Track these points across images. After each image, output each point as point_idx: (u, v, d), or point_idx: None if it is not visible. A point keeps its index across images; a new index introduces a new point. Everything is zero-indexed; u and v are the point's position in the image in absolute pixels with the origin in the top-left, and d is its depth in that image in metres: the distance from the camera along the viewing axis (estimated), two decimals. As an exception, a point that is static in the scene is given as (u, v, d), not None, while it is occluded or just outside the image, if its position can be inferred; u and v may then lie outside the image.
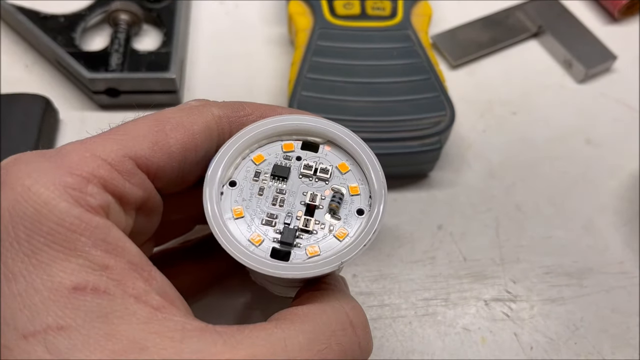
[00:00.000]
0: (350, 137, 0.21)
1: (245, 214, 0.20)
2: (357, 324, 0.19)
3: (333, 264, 0.19)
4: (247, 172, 0.20)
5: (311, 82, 0.33)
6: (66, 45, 0.35)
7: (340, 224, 0.20)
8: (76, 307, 0.15)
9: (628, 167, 0.36)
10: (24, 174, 0.16)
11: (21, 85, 0.36)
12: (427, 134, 0.32)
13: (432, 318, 0.30)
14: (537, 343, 0.30)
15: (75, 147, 0.18)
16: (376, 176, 0.20)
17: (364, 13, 0.35)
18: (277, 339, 0.17)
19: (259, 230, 0.19)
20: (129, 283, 0.16)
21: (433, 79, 0.33)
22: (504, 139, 0.37)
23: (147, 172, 0.19)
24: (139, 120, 0.19)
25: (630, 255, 0.33)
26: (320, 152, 0.21)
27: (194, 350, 0.16)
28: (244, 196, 0.20)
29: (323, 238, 0.20)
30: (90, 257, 0.16)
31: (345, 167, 0.21)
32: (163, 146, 0.19)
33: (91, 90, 0.35)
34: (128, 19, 0.37)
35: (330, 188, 0.20)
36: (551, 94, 0.39)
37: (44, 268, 0.15)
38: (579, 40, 0.40)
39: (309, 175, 0.20)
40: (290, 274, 0.19)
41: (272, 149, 0.21)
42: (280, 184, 0.20)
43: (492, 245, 0.33)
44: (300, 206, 0.20)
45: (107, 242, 0.16)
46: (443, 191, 0.34)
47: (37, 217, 0.15)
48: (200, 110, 0.20)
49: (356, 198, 0.20)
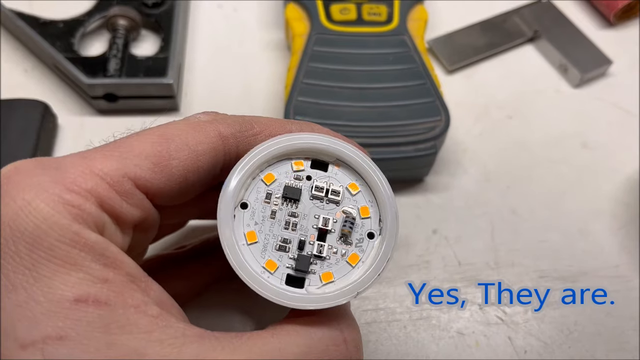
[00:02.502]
0: (360, 157, 0.21)
1: (259, 239, 0.19)
2: (350, 341, 0.19)
3: (349, 295, 0.19)
4: (258, 194, 0.20)
5: (307, 88, 0.33)
6: (65, 51, 0.36)
7: (352, 248, 0.20)
8: (78, 318, 0.15)
9: (624, 171, 0.36)
10: (25, 187, 0.16)
11: (20, 91, 0.37)
12: (422, 139, 0.32)
13: (427, 322, 0.30)
14: (531, 347, 0.30)
15: (76, 161, 0.18)
16: (388, 199, 0.20)
17: (360, 18, 0.36)
18: (272, 349, 0.17)
19: (273, 257, 0.19)
20: (128, 294, 0.16)
21: (428, 84, 0.33)
22: (500, 143, 0.37)
23: (146, 192, 0.19)
24: (143, 135, 0.19)
25: (625, 259, 0.33)
26: (329, 171, 0.21)
27: (193, 355, 0.16)
28: (256, 219, 0.20)
29: (336, 263, 0.20)
30: (90, 270, 0.16)
31: (355, 187, 0.21)
32: (165, 167, 0.19)
33: (89, 96, 0.35)
34: (126, 24, 0.37)
35: (341, 210, 0.20)
36: (547, 98, 0.39)
37: (45, 281, 0.15)
38: (574, 45, 0.40)
39: (320, 198, 0.20)
40: (308, 306, 0.19)
41: (282, 168, 0.21)
42: (292, 206, 0.20)
43: (487, 249, 0.33)
44: (312, 230, 0.20)
45: (105, 256, 0.17)
46: (438, 195, 0.35)
47: (37, 232, 0.16)
48: (208, 129, 0.20)
49: (366, 221, 0.20)
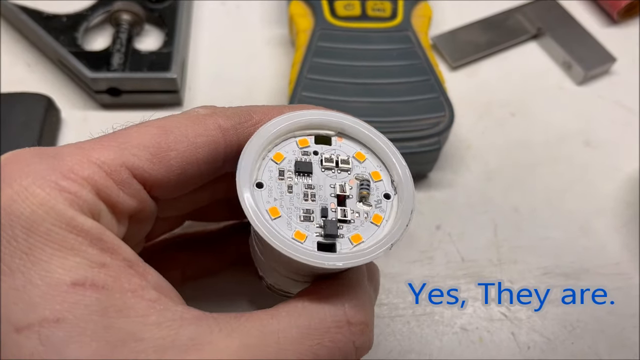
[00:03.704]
0: (361, 125, 0.21)
1: (282, 213, 0.20)
2: (356, 322, 0.19)
3: (384, 247, 0.19)
4: (270, 172, 0.20)
5: (311, 83, 0.33)
6: (68, 45, 0.36)
7: (373, 209, 0.20)
8: (75, 302, 0.15)
9: (626, 169, 0.36)
10: (22, 173, 0.16)
11: (23, 85, 0.37)
12: (426, 135, 0.32)
13: (430, 318, 0.30)
14: (535, 343, 0.30)
15: (73, 150, 0.18)
16: (397, 160, 0.21)
17: (364, 14, 0.36)
18: (271, 331, 0.17)
19: (300, 227, 0.20)
20: (125, 279, 0.16)
21: (433, 80, 0.33)
22: (503, 141, 0.37)
23: (144, 183, 0.19)
24: (142, 126, 0.19)
25: (627, 256, 0.33)
26: (334, 144, 0.21)
27: (190, 337, 0.16)
28: (274, 196, 0.20)
29: (361, 225, 0.20)
30: (87, 255, 0.16)
31: (361, 155, 0.21)
32: (162, 159, 0.19)
33: (93, 90, 0.35)
34: (130, 19, 0.37)
35: (354, 177, 0.21)
36: (550, 95, 0.39)
37: (42, 265, 0.15)
38: (578, 42, 0.40)
39: (331, 168, 0.21)
40: (348, 263, 0.18)
41: (289, 147, 0.21)
42: (307, 179, 0.20)
43: (490, 245, 0.33)
44: (331, 198, 0.20)
45: (103, 241, 0.17)
46: (442, 192, 0.35)
47: (33, 217, 0.16)
48: (207, 121, 0.20)
49: (379, 184, 0.21)
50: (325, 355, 0.18)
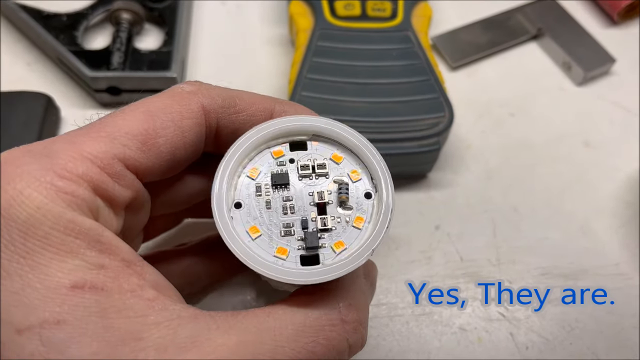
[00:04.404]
0: (334, 125, 0.21)
1: (262, 231, 0.19)
2: (349, 320, 0.19)
3: (365, 254, 0.19)
4: (248, 190, 0.20)
5: (311, 83, 0.33)
6: (68, 44, 0.36)
7: (354, 212, 0.20)
8: (75, 304, 0.15)
9: (625, 170, 0.36)
10: (15, 176, 0.16)
11: (23, 84, 0.37)
12: (425, 135, 0.32)
13: (429, 317, 0.30)
14: (533, 343, 0.30)
15: (65, 147, 0.18)
16: (373, 157, 0.20)
17: (364, 14, 0.36)
18: (267, 328, 0.17)
19: (281, 243, 0.19)
20: (123, 279, 0.17)
21: (432, 80, 0.33)
22: (502, 141, 0.37)
23: (136, 172, 0.19)
24: (128, 112, 0.19)
25: (626, 257, 0.33)
26: (309, 148, 0.21)
27: (188, 335, 0.16)
28: (253, 214, 0.20)
29: (343, 231, 0.20)
30: (85, 257, 0.16)
31: (338, 157, 0.21)
32: (152, 146, 0.19)
33: (93, 89, 0.35)
34: (130, 18, 0.37)
35: (332, 181, 0.20)
36: (550, 96, 0.39)
37: (41, 269, 0.16)
38: (578, 43, 0.40)
39: (308, 175, 0.20)
40: (328, 277, 0.19)
41: (264, 159, 0.21)
42: (284, 191, 0.20)
43: (489, 246, 0.33)
44: (311, 207, 0.20)
45: (100, 242, 0.17)
46: (441, 192, 0.35)
47: (31, 221, 0.16)
48: (191, 102, 0.20)
49: (359, 183, 0.21)
50: (320, 352, 0.18)
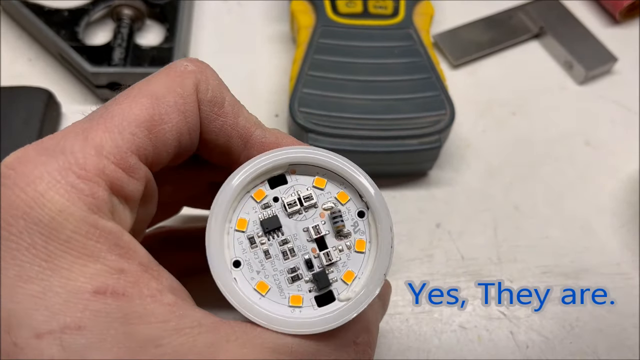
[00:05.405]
0: (307, 152, 0.20)
1: (270, 285, 0.19)
2: (360, 342, 0.20)
3: (378, 281, 0.19)
4: (241, 245, 0.19)
5: (312, 80, 0.33)
6: (69, 39, 0.36)
7: (353, 236, 0.20)
8: (97, 310, 0.15)
9: (626, 170, 0.36)
10: (35, 177, 0.16)
11: (24, 79, 0.37)
12: (427, 133, 0.32)
13: (429, 315, 0.30)
14: (533, 342, 0.30)
15: (79, 143, 0.17)
16: (356, 174, 0.19)
17: (366, 11, 0.36)
18: (285, 343, 0.18)
19: (292, 291, 0.19)
20: (143, 284, 0.16)
21: (434, 78, 0.33)
22: (503, 139, 0.37)
23: (146, 162, 0.18)
24: (132, 97, 0.18)
25: (627, 256, 0.33)
26: (290, 181, 0.20)
27: (207, 344, 0.16)
28: (256, 269, 0.19)
29: (348, 259, 0.19)
30: (107, 262, 0.16)
31: (320, 181, 0.20)
32: (158, 133, 0.18)
33: (94, 84, 0.35)
34: (131, 14, 0.37)
35: (322, 209, 0.20)
36: (551, 95, 0.39)
37: (62, 273, 0.15)
38: (580, 42, 0.40)
39: (297, 211, 0.19)
40: (351, 316, 0.18)
41: (247, 206, 0.19)
42: (279, 235, 0.19)
43: (489, 244, 0.33)
44: (310, 244, 0.19)
45: (119, 246, 0.16)
46: (442, 190, 0.35)
47: (53, 224, 0.15)
48: (189, 84, 0.19)
49: (349, 204, 0.20)
50: None
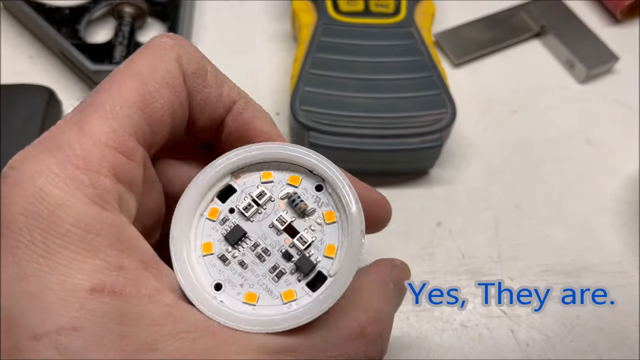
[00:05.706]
0: (239, 154, 0.19)
1: (257, 292, 0.18)
2: (369, 333, 0.19)
3: (359, 241, 0.18)
4: (214, 266, 0.19)
5: (314, 78, 0.33)
6: (71, 37, 0.36)
7: (319, 211, 0.19)
8: (93, 309, 0.15)
9: (627, 169, 0.36)
10: (34, 173, 0.16)
11: (25, 77, 0.37)
12: (428, 131, 0.32)
13: (430, 314, 0.30)
14: (534, 340, 0.30)
15: (75, 135, 0.16)
16: (295, 152, 0.19)
17: (367, 10, 0.36)
18: (286, 343, 0.17)
19: (281, 287, 0.18)
20: (142, 283, 0.16)
21: (435, 76, 0.33)
22: (505, 138, 0.37)
23: (144, 144, 0.18)
24: (119, 80, 0.18)
25: (628, 255, 0.33)
26: (238, 187, 0.19)
27: (204, 349, 0.16)
28: (237, 283, 0.18)
29: (324, 234, 0.19)
30: (106, 257, 0.16)
31: (268, 175, 0.19)
32: (151, 112, 0.18)
33: (95, 82, 0.35)
34: (132, 12, 0.37)
35: (279, 200, 0.19)
36: (552, 94, 0.39)
37: (60, 269, 0.15)
38: (581, 41, 0.40)
39: (256, 212, 0.19)
40: (342, 290, 0.18)
41: (205, 227, 0.19)
42: (247, 241, 0.19)
43: (490, 243, 0.33)
44: (281, 237, 0.19)
45: (121, 240, 0.16)
46: (443, 188, 0.35)
47: (52, 218, 0.15)
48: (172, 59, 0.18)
49: (304, 183, 0.19)
50: None
